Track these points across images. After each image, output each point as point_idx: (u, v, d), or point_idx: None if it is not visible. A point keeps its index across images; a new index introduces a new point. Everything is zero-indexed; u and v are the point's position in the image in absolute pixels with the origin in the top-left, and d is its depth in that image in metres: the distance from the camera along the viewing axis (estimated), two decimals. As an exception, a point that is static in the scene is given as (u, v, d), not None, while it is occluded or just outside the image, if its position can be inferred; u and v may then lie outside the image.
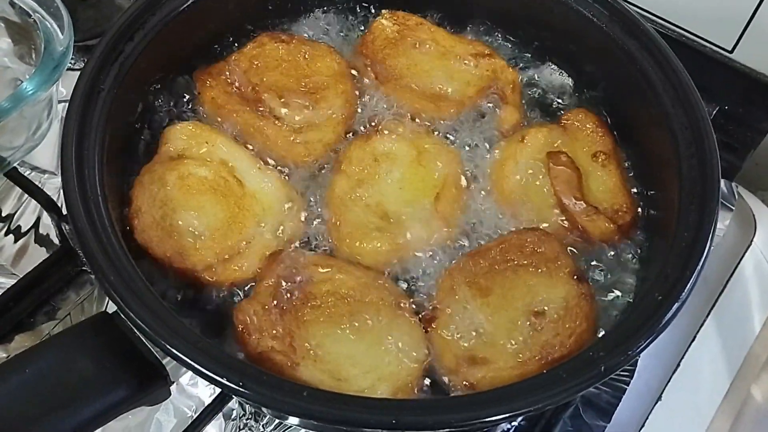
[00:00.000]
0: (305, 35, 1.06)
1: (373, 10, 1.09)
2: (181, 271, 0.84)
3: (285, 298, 0.81)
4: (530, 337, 0.81)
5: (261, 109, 0.96)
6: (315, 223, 0.91)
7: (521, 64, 1.06)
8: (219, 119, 0.95)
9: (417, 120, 0.98)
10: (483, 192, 0.94)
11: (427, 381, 0.81)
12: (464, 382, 0.79)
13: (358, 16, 1.09)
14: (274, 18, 1.06)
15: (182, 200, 0.87)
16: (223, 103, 0.95)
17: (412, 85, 1.00)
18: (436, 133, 0.98)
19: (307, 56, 1.01)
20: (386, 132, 0.95)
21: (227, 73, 0.98)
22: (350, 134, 0.98)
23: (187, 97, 0.98)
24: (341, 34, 1.08)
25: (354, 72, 1.02)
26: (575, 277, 0.84)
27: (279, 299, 0.81)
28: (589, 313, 0.82)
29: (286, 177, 0.93)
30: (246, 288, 0.86)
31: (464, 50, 1.04)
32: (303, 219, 0.90)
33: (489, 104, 1.01)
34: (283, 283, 0.82)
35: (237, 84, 0.97)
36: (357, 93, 1.00)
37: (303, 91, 0.98)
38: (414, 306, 0.85)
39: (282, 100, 0.97)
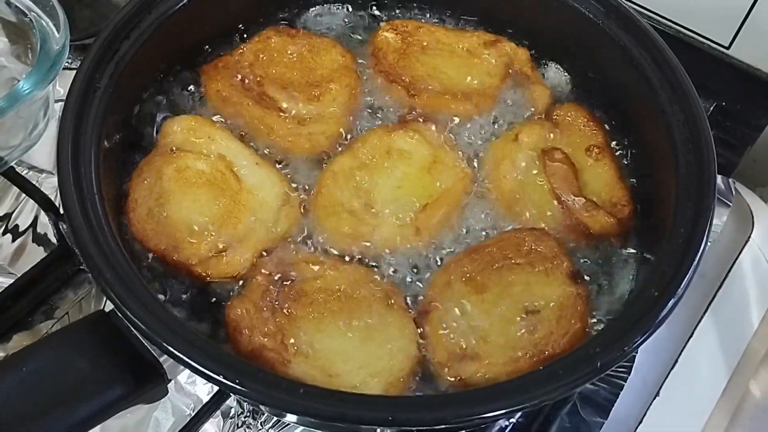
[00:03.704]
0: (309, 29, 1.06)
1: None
2: (175, 264, 0.84)
3: (276, 296, 0.81)
4: (524, 335, 0.81)
5: (265, 101, 0.96)
6: (311, 218, 0.90)
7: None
8: (223, 112, 0.96)
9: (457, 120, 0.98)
10: (482, 190, 0.94)
11: (420, 376, 0.81)
12: (455, 377, 0.79)
13: (363, 12, 1.09)
14: (272, 15, 1.06)
15: (178, 193, 0.87)
16: (228, 96, 0.96)
17: (441, 90, 0.99)
18: (476, 133, 0.98)
19: (312, 50, 1.01)
20: (412, 130, 0.94)
21: (233, 66, 0.98)
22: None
23: (184, 93, 0.98)
24: (347, 29, 1.08)
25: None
26: (572, 277, 0.84)
27: (270, 297, 0.81)
28: (584, 314, 0.82)
29: (288, 170, 0.93)
30: (239, 284, 0.85)
31: (470, 42, 1.03)
32: (299, 215, 0.90)
33: (514, 90, 1.01)
34: (274, 281, 0.82)
35: (242, 77, 0.98)
36: (363, 89, 1.00)
37: (307, 84, 0.99)
38: (407, 301, 0.85)
39: (286, 92, 0.97)
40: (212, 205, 0.87)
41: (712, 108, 1.22)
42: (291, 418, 0.89)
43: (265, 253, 0.85)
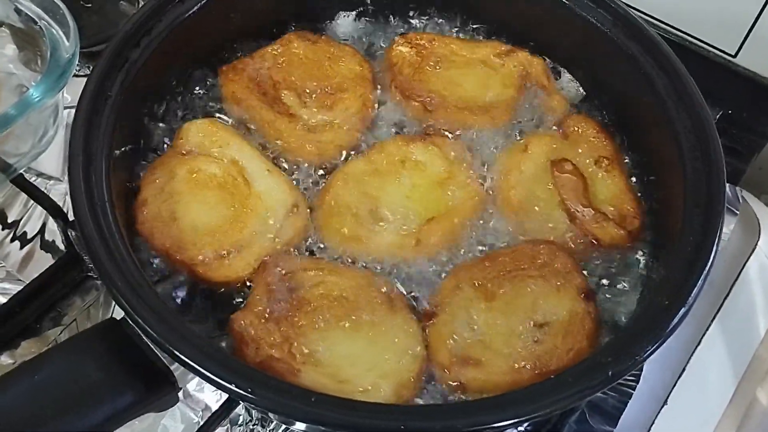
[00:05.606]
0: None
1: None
2: (178, 263, 0.84)
3: (279, 306, 0.81)
4: (528, 347, 0.81)
5: (278, 106, 0.97)
6: (314, 215, 0.91)
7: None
8: (236, 113, 0.97)
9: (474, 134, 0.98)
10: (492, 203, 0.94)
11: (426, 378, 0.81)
12: (454, 381, 0.79)
13: (386, 22, 1.10)
14: (279, 24, 1.06)
15: (188, 194, 0.88)
16: (242, 98, 0.96)
17: (458, 104, 0.99)
18: (493, 144, 0.97)
19: (331, 57, 1.02)
20: (431, 144, 0.94)
21: (251, 68, 0.99)
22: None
23: (195, 98, 0.99)
24: (370, 38, 1.09)
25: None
26: (583, 294, 0.84)
27: (273, 307, 0.81)
28: (591, 333, 0.82)
29: (296, 177, 0.94)
30: (241, 290, 0.86)
31: (485, 53, 1.04)
32: (306, 224, 0.90)
33: (530, 100, 1.01)
34: (275, 291, 0.82)
35: (259, 80, 0.98)
36: (377, 98, 1.00)
37: (322, 91, 0.99)
38: (411, 303, 0.85)
39: (300, 98, 0.98)
40: (220, 208, 0.88)
41: (718, 116, 1.22)
42: (300, 426, 0.89)
43: (262, 265, 0.85)
